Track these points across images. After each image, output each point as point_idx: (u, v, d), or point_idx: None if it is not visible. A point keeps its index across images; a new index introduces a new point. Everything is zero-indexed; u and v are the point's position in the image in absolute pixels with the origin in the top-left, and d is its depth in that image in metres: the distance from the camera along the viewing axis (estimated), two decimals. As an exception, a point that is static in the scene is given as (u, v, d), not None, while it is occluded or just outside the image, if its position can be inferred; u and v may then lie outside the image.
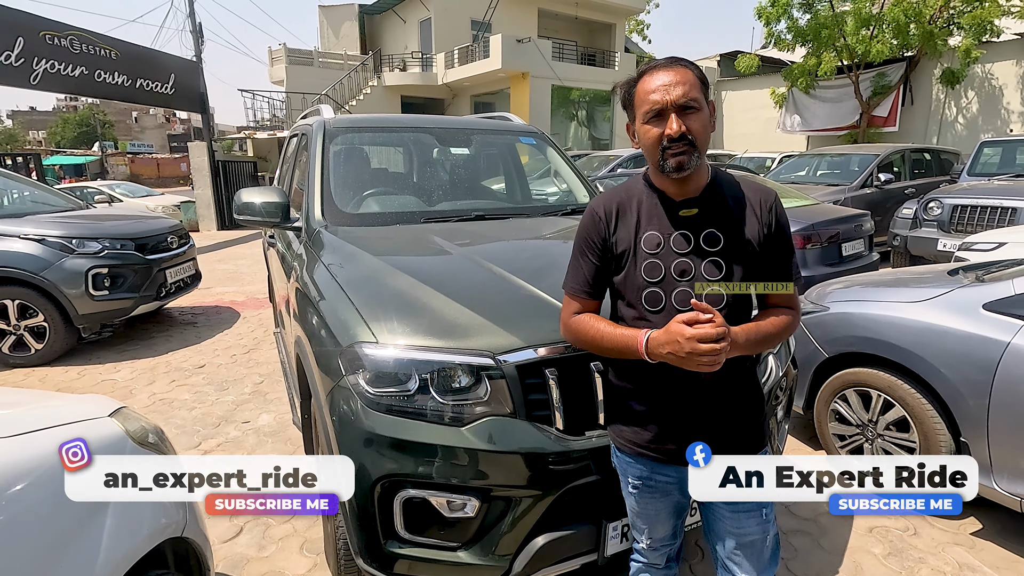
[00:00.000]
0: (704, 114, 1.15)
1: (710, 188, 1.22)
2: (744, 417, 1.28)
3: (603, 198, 1.30)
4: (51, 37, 9.21)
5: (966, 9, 12.28)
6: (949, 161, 9.22)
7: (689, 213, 1.20)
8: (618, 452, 1.38)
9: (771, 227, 1.21)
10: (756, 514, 1.26)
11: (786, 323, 1.23)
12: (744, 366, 1.27)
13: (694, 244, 1.19)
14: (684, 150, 1.12)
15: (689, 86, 1.12)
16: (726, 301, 1.19)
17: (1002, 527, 2.36)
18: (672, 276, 1.18)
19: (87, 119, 54.48)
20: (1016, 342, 2.06)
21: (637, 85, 1.18)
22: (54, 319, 4.34)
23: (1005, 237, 4.33)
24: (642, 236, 1.21)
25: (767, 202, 1.22)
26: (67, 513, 1.12)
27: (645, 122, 1.16)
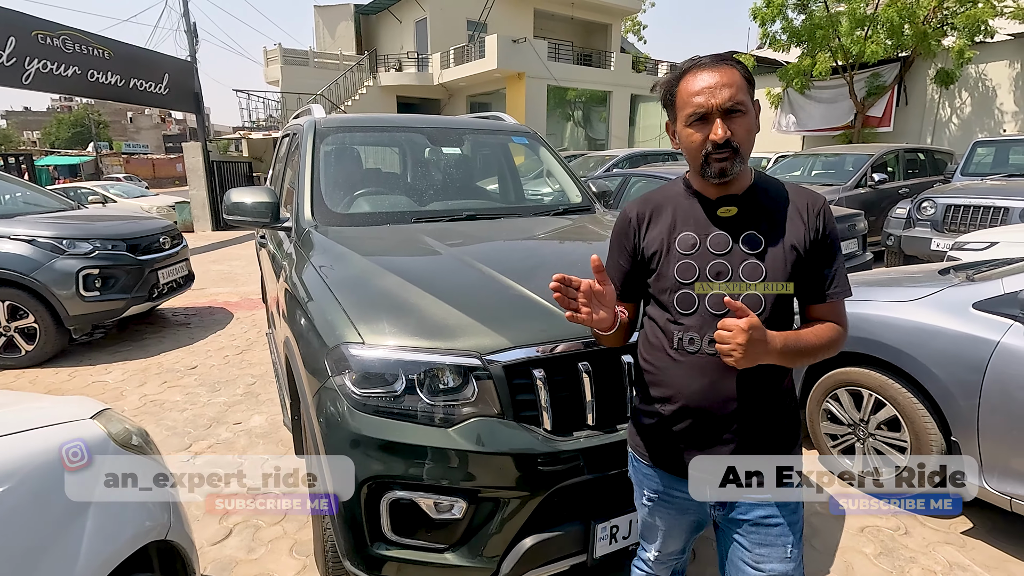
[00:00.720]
0: (750, 117, 1.09)
1: (752, 190, 1.16)
2: (774, 441, 1.18)
3: (639, 201, 1.27)
4: (43, 37, 9.17)
5: (960, 9, 12.32)
6: (943, 161, 9.26)
7: (728, 213, 1.15)
8: (635, 462, 1.33)
9: (819, 233, 1.13)
10: (780, 549, 1.17)
11: (831, 337, 1.13)
12: (779, 382, 1.18)
13: (732, 246, 1.13)
14: (727, 156, 1.07)
15: (736, 88, 1.06)
16: (763, 307, 1.11)
17: (993, 526, 2.36)
18: (707, 278, 1.13)
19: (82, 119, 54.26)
20: (1005, 341, 2.06)
21: (679, 84, 1.11)
22: (44, 320, 4.31)
23: (997, 237, 4.34)
24: (676, 236, 1.17)
25: (815, 207, 1.15)
26: (47, 516, 1.11)
27: (687, 125, 1.10)
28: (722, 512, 1.22)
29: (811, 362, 1.16)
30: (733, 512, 1.20)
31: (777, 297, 1.12)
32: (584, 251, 2.42)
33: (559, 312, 1.66)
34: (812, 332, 1.12)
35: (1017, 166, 7.71)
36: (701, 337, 1.13)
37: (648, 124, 23.39)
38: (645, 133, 23.32)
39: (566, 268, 2.06)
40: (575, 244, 2.53)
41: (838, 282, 1.15)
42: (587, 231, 2.65)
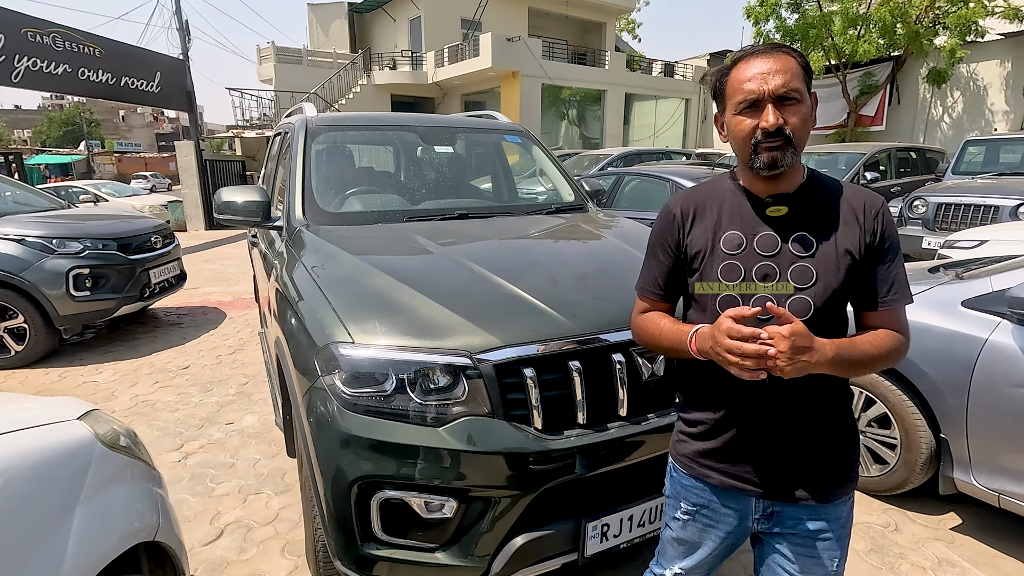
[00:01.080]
0: (805, 107, 1.01)
1: (804, 188, 1.08)
2: (831, 453, 1.10)
3: (682, 196, 1.19)
4: (33, 34, 9.08)
5: (951, 9, 12.41)
6: (934, 160, 9.32)
7: (777, 212, 1.07)
8: (675, 472, 1.25)
9: (876, 236, 1.05)
10: (825, 564, 1.12)
11: (890, 346, 1.04)
12: (836, 390, 1.10)
13: (781, 247, 1.05)
14: (779, 144, 1.00)
15: (791, 75, 0.99)
16: (811, 311, 1.03)
17: (981, 522, 2.38)
18: (752, 280, 1.06)
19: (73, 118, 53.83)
20: (994, 339, 2.08)
21: (730, 73, 1.05)
22: (34, 320, 4.28)
23: (987, 235, 4.38)
24: (722, 236, 1.10)
25: (873, 208, 1.06)
26: (33, 517, 1.10)
27: (737, 113, 1.03)
28: (767, 524, 1.15)
29: (867, 372, 1.07)
30: (779, 526, 1.14)
31: (828, 301, 1.04)
32: (576, 250, 2.42)
33: (550, 311, 1.67)
34: (868, 340, 1.04)
35: (1007, 165, 7.77)
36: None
37: (642, 123, 23.45)
38: (639, 132, 23.37)
39: (558, 267, 2.09)
40: (567, 243, 2.53)
41: (896, 288, 1.06)
42: (580, 230, 2.66)
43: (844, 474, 1.12)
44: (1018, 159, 7.78)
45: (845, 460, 1.12)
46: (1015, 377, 1.99)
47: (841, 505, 1.13)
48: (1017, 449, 2.04)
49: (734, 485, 1.14)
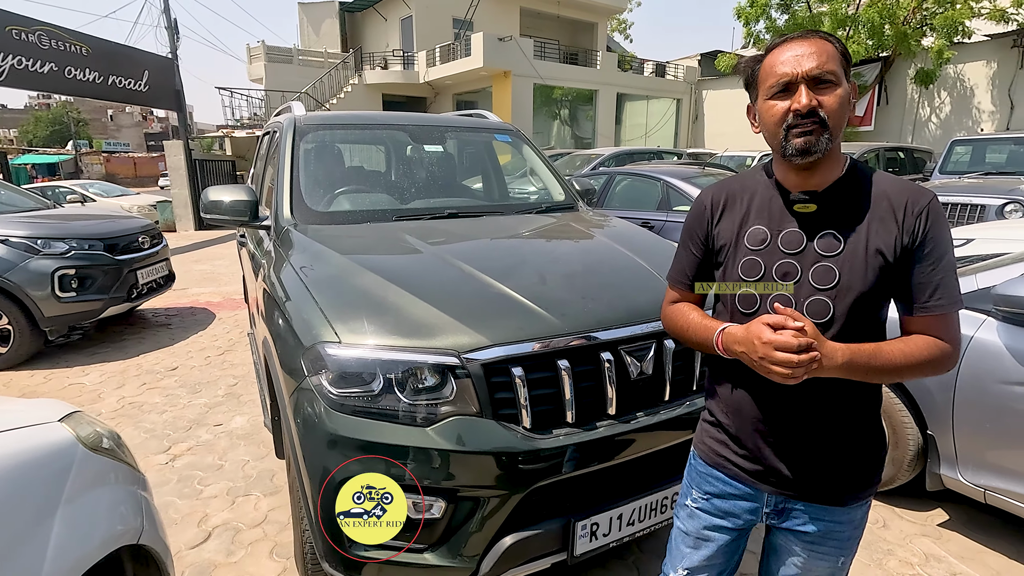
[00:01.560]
0: (843, 91, 0.95)
1: (841, 184, 1.02)
2: (851, 455, 1.07)
3: (714, 187, 1.17)
4: (18, 32, 8.96)
5: (938, 10, 12.55)
6: (922, 159, 9.43)
7: (806, 209, 1.02)
8: (694, 458, 1.25)
9: (916, 236, 0.96)
10: (833, 561, 1.12)
11: (926, 356, 0.96)
12: (861, 394, 1.05)
13: (806, 245, 1.01)
14: (813, 128, 0.94)
15: (827, 57, 0.94)
16: (832, 314, 0.99)
17: (968, 518, 2.40)
18: (772, 277, 1.03)
19: (60, 117, 53.20)
20: (979, 336, 2.10)
21: (764, 60, 1.01)
22: (19, 322, 4.22)
23: (973, 234, 4.41)
24: (747, 230, 1.07)
25: (917, 205, 0.97)
26: (11, 521, 1.08)
27: (769, 98, 0.98)
28: (778, 520, 1.14)
29: (896, 380, 1.00)
30: (789, 522, 1.13)
31: (853, 305, 0.98)
32: (566, 249, 2.42)
33: (538, 310, 1.66)
34: (898, 347, 0.97)
35: (993, 164, 7.86)
36: None
37: (634, 123, 23.52)
38: (631, 132, 23.43)
39: (547, 266, 2.09)
40: (557, 242, 2.53)
41: (941, 293, 0.97)
42: (570, 229, 2.65)
43: (862, 479, 1.09)
44: (1004, 159, 7.88)
45: (865, 465, 1.09)
46: (1000, 374, 2.01)
47: (856, 509, 1.11)
48: (1002, 445, 2.06)
49: (748, 478, 1.13)
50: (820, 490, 1.08)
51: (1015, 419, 1.99)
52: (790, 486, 1.09)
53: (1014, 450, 2.03)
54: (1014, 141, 7.91)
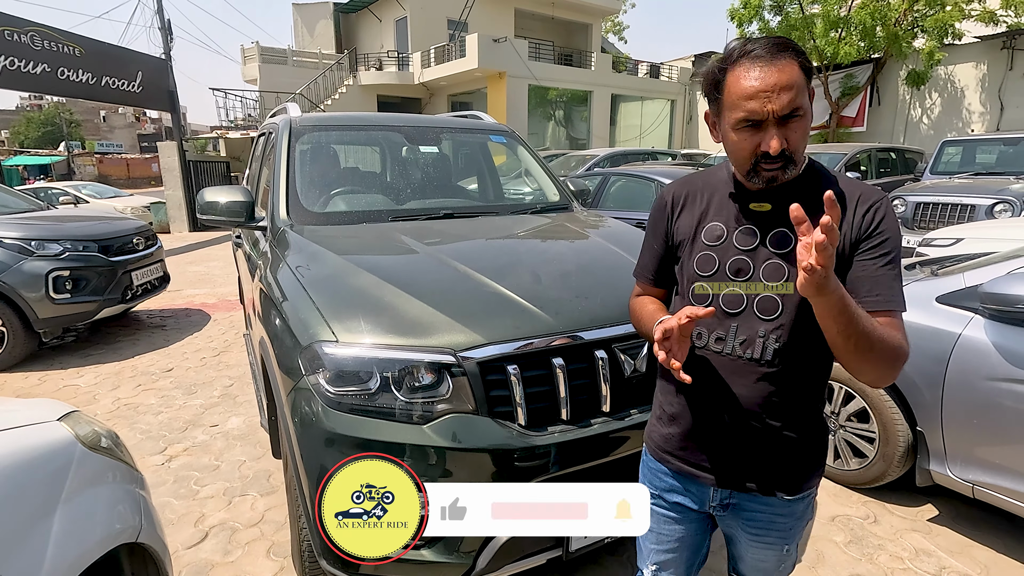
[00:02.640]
0: (807, 119, 0.95)
1: (796, 183, 1.02)
2: (787, 452, 1.08)
3: (677, 183, 1.19)
4: (10, 33, 8.91)
5: (929, 12, 12.66)
6: (913, 160, 9.51)
7: (761, 208, 1.04)
8: (645, 454, 1.28)
9: (863, 231, 0.97)
10: (777, 549, 1.17)
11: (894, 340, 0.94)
12: (803, 390, 1.06)
13: (759, 242, 1.03)
14: (780, 166, 0.95)
15: (796, 91, 0.92)
16: (780, 311, 1.01)
17: (957, 513, 2.44)
18: (726, 273, 1.05)
19: (52, 118, 52.81)
20: (967, 334, 2.13)
21: (727, 77, 0.97)
22: (13, 324, 4.20)
23: (962, 233, 4.48)
24: (705, 226, 1.09)
25: (865, 202, 0.99)
26: (11, 519, 1.09)
27: (736, 129, 0.97)
28: (724, 513, 1.17)
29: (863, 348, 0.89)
30: (734, 515, 1.16)
31: (802, 302, 0.98)
32: (560, 248, 2.44)
33: (533, 309, 1.68)
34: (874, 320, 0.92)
35: (983, 165, 7.95)
36: (710, 333, 1.06)
37: (628, 124, 23.58)
38: (626, 132, 23.50)
39: (541, 265, 2.10)
40: (552, 242, 2.55)
41: (879, 290, 0.95)
42: (564, 229, 2.68)
43: (800, 475, 1.11)
44: (993, 159, 7.96)
45: (805, 459, 1.11)
46: (987, 371, 2.05)
47: (797, 502, 1.13)
48: (989, 441, 2.10)
49: (691, 472, 1.16)
50: (761, 482, 1.11)
51: (1002, 415, 2.02)
52: (731, 481, 1.12)
53: (1001, 446, 2.07)
54: (1004, 142, 8.00)
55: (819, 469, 1.14)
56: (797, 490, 1.11)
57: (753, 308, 1.03)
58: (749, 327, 1.04)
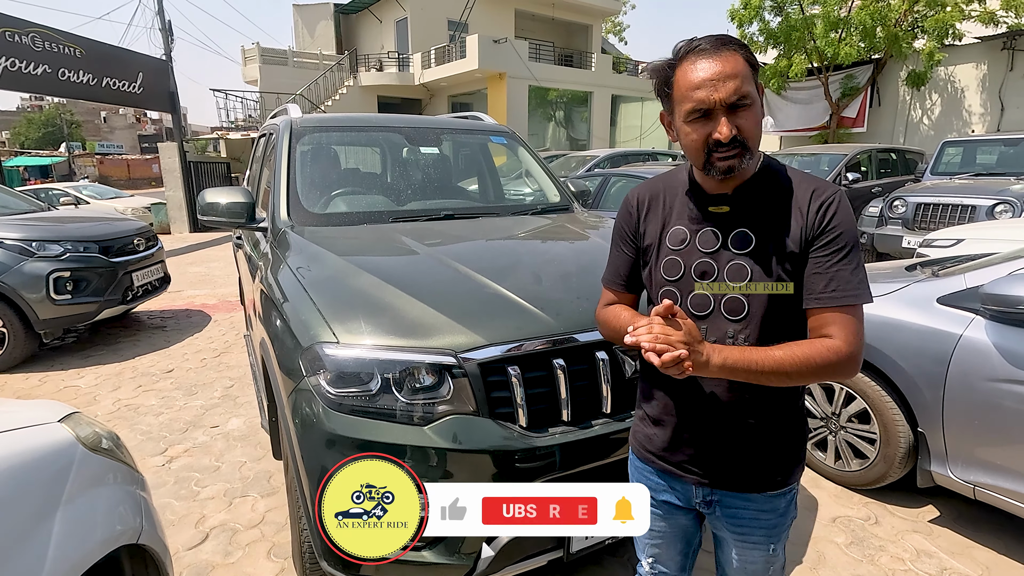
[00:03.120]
0: (756, 107, 0.98)
1: (752, 183, 1.05)
2: (765, 448, 1.11)
3: (640, 187, 1.20)
4: (11, 34, 8.93)
5: (929, 13, 12.65)
6: (914, 160, 9.50)
7: (719, 210, 1.07)
8: (632, 455, 1.29)
9: (818, 226, 0.99)
10: (763, 548, 1.17)
11: (811, 356, 0.95)
12: (779, 392, 1.08)
13: (721, 243, 1.05)
14: (735, 154, 0.97)
15: (741, 79, 0.94)
16: (747, 312, 1.02)
17: (958, 514, 2.43)
18: (691, 276, 1.06)
19: (53, 119, 52.84)
20: (968, 335, 2.13)
21: (676, 72, 1.00)
22: (13, 325, 4.21)
23: (963, 234, 4.47)
24: (669, 230, 1.11)
25: (820, 197, 1.01)
26: (12, 520, 1.09)
27: (687, 122, 0.99)
28: (708, 511, 1.19)
29: (783, 383, 0.98)
30: (718, 512, 1.18)
31: (769, 301, 1.01)
32: (561, 249, 2.44)
33: (534, 310, 1.68)
34: (784, 349, 0.96)
35: (984, 165, 7.94)
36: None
37: (629, 124, 23.58)
38: (626, 133, 23.50)
39: (542, 267, 2.10)
40: (552, 243, 2.55)
41: (836, 284, 0.97)
42: (565, 230, 2.68)
43: (780, 470, 1.12)
44: (994, 160, 7.96)
45: (784, 455, 1.13)
46: (988, 371, 2.05)
47: (778, 498, 1.15)
48: (990, 442, 2.10)
49: (674, 471, 1.17)
50: (742, 479, 1.12)
51: (1003, 416, 2.02)
52: (712, 478, 1.14)
53: (1003, 447, 2.07)
54: (1004, 143, 7.99)
55: (799, 464, 1.16)
56: (778, 485, 1.13)
57: (721, 309, 1.05)
58: (718, 328, 1.06)
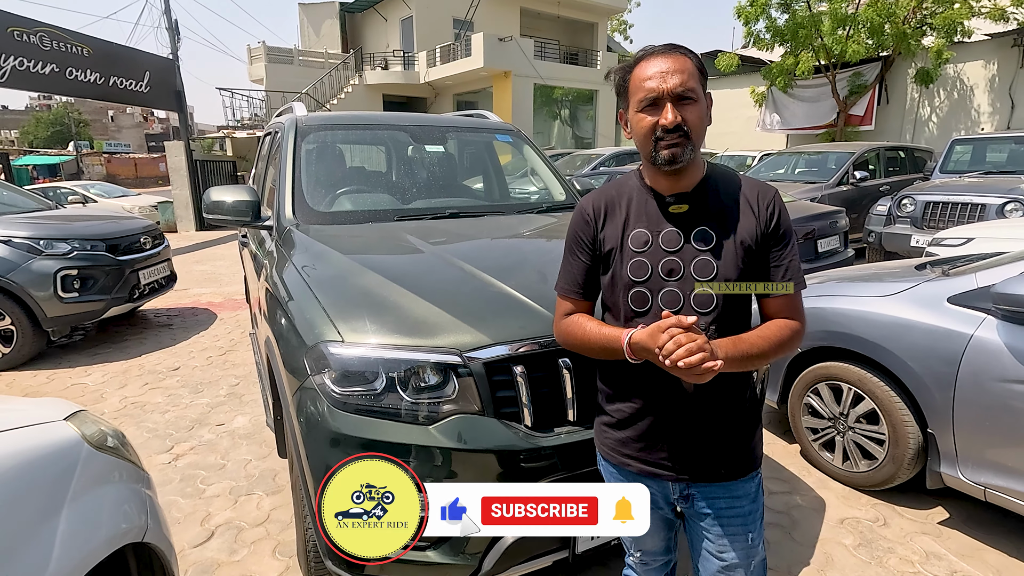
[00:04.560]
0: (701, 105, 1.09)
1: (703, 184, 1.15)
2: (732, 436, 1.19)
3: (593, 196, 1.25)
4: (19, 33, 8.98)
5: (938, 10, 12.53)
6: (922, 159, 9.41)
7: (679, 210, 1.14)
8: (602, 460, 1.33)
9: (768, 225, 1.13)
10: (741, 538, 1.21)
11: (781, 336, 1.11)
12: (736, 379, 1.17)
13: (684, 242, 1.12)
14: (678, 141, 1.06)
15: (687, 75, 1.06)
16: (716, 304, 1.11)
17: (968, 516, 2.41)
18: (659, 275, 1.12)
19: (61, 118, 53.21)
20: (979, 334, 2.10)
21: (633, 71, 1.11)
22: (21, 322, 4.23)
23: (973, 233, 4.42)
24: (630, 234, 1.16)
25: (766, 198, 1.14)
26: (18, 518, 1.09)
27: (639, 110, 1.09)
28: (686, 505, 1.24)
29: (762, 364, 1.11)
30: (695, 506, 1.22)
31: (729, 295, 1.12)
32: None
33: (539, 309, 1.67)
34: (757, 335, 1.10)
35: (994, 163, 7.86)
36: None
37: (635, 123, 23.49)
38: (632, 132, 23.41)
39: (547, 265, 2.09)
40: (557, 242, 2.52)
41: (791, 274, 1.13)
42: (570, 229, 2.66)
43: (746, 452, 1.21)
44: (1004, 158, 7.88)
45: (746, 440, 1.21)
46: (999, 372, 2.02)
47: (748, 481, 1.22)
48: (1002, 443, 2.07)
49: (651, 471, 1.21)
50: (715, 471, 1.19)
51: (1014, 417, 2.00)
52: (688, 470, 1.19)
53: (1014, 448, 2.04)
54: (1014, 140, 7.91)
55: (760, 444, 1.26)
56: (748, 469, 1.21)
57: (691, 304, 1.12)
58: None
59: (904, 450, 2.36)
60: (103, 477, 1.33)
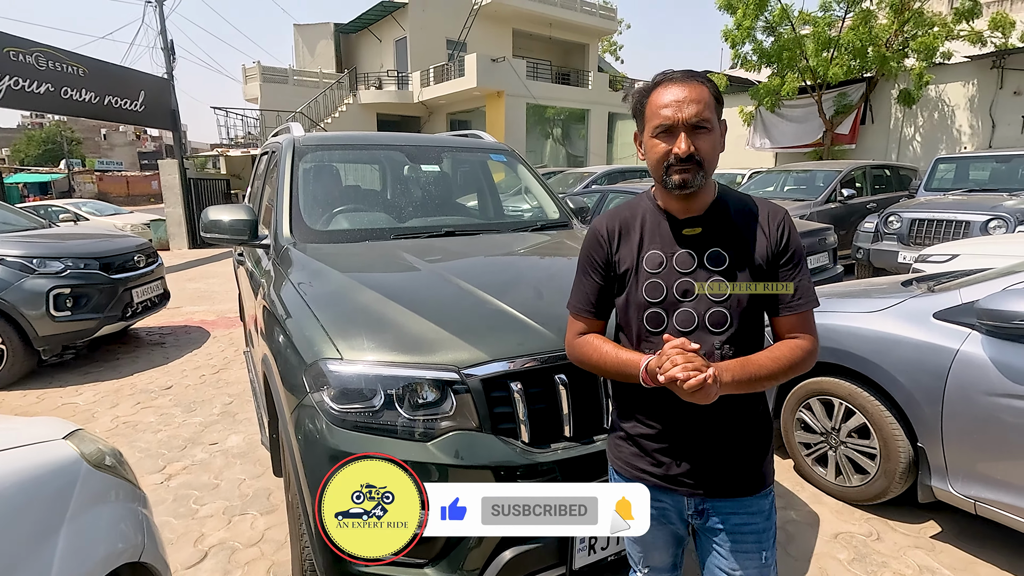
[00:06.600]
0: (715, 135, 1.11)
1: (715, 206, 1.17)
2: (747, 451, 1.20)
3: (607, 217, 1.27)
4: (15, 53, 9.03)
5: (917, 33, 12.89)
6: (908, 177, 9.60)
7: (693, 232, 1.16)
8: (615, 476, 1.33)
9: (780, 244, 1.15)
10: (756, 556, 1.20)
11: (793, 356, 1.12)
12: (750, 395, 1.17)
13: (698, 263, 1.15)
14: (690, 169, 1.08)
15: (703, 105, 1.08)
16: (729, 323, 1.13)
17: (960, 530, 2.43)
18: (674, 296, 1.14)
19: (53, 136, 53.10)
20: (964, 349, 2.15)
21: (650, 96, 1.13)
22: (12, 341, 4.20)
23: (958, 249, 4.52)
24: (644, 255, 1.18)
25: (776, 218, 1.17)
26: (16, 537, 1.09)
27: (653, 136, 1.11)
28: (700, 521, 1.23)
29: (773, 385, 1.13)
30: (710, 521, 1.22)
31: (743, 312, 1.13)
32: (561, 266, 2.46)
33: (535, 325, 1.70)
34: (768, 355, 1.11)
35: (976, 181, 8.03)
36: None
37: (626, 141, 23.80)
38: (623, 150, 23.71)
39: (543, 282, 2.13)
40: (552, 259, 2.57)
41: (802, 293, 1.15)
42: (564, 246, 2.70)
43: (760, 469, 1.22)
44: (987, 176, 8.05)
45: (761, 457, 1.22)
46: (985, 386, 2.06)
47: (762, 498, 1.22)
48: (990, 456, 2.10)
49: (665, 486, 1.22)
50: (728, 484, 1.19)
51: (1002, 430, 2.03)
52: (704, 486, 1.20)
53: (1002, 461, 2.08)
54: (996, 159, 8.09)
55: (772, 461, 1.27)
56: (762, 485, 1.22)
57: (705, 323, 1.13)
58: (704, 342, 1.12)
59: (895, 464, 2.39)
60: (101, 496, 1.33)
